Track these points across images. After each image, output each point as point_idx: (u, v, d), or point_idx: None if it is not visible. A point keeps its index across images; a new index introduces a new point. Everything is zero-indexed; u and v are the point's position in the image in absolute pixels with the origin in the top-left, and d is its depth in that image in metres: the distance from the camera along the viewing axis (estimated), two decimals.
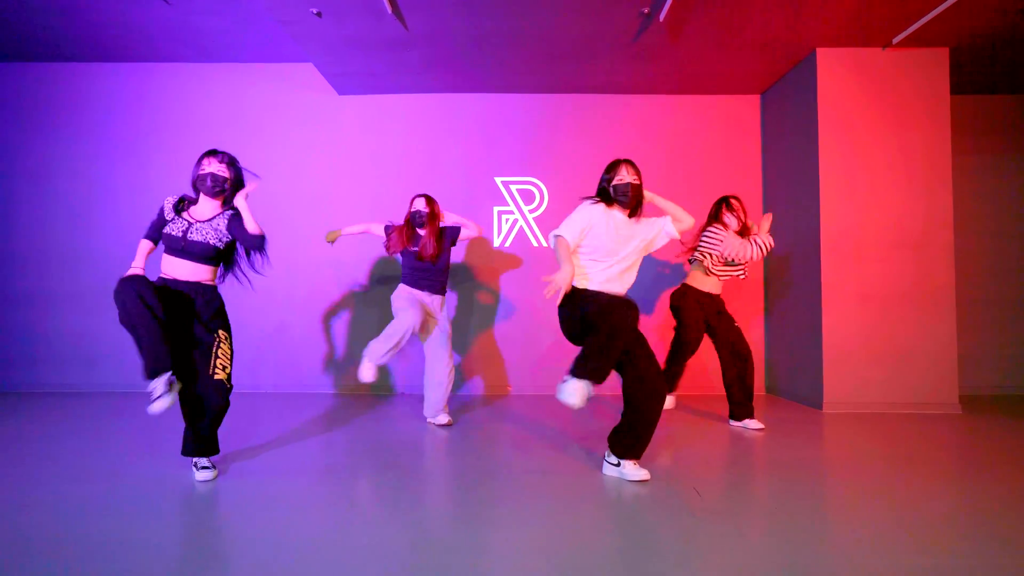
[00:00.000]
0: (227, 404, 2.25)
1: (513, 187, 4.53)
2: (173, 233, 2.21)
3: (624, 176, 2.30)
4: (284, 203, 4.45)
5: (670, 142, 4.55)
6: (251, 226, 2.21)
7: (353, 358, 4.38)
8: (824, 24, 3.50)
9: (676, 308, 3.30)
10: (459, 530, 1.71)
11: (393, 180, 4.47)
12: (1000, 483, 2.19)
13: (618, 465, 2.21)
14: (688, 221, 2.42)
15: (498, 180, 4.52)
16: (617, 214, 2.32)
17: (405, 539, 1.63)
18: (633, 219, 2.35)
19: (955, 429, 3.20)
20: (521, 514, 1.84)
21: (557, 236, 2.25)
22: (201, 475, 2.20)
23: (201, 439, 2.23)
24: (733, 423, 3.25)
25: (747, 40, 3.67)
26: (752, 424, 3.16)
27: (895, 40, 3.65)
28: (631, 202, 2.31)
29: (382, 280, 4.42)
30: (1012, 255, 4.56)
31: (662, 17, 3.29)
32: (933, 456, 2.63)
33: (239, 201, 2.23)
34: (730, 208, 3.16)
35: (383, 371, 4.44)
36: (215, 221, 2.27)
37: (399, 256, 3.31)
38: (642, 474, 2.16)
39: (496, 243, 4.50)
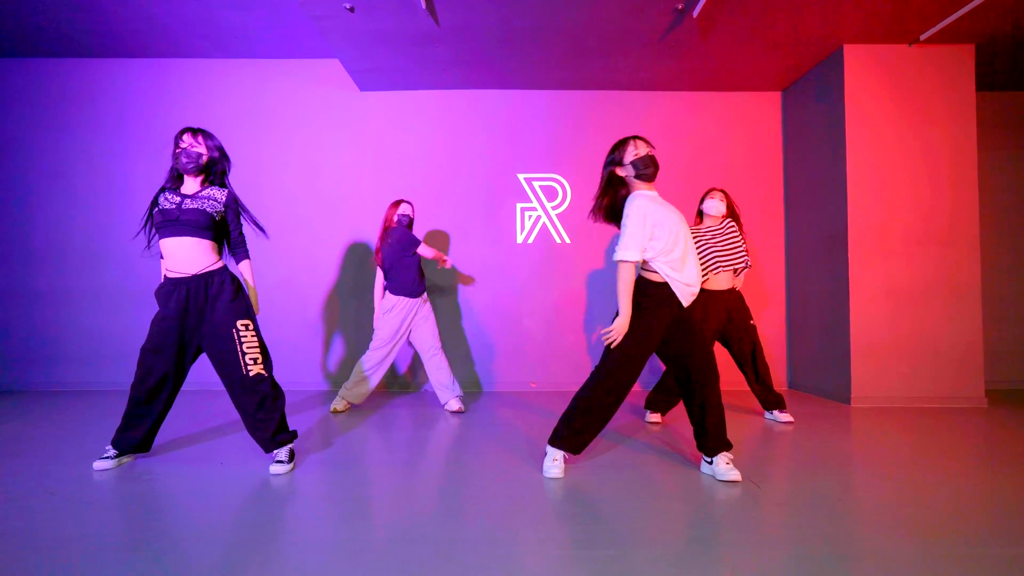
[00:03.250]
0: (276, 392, 2.24)
1: (536, 184, 4.52)
2: (167, 206, 2.17)
3: (641, 149, 2.17)
4: (303, 199, 4.43)
5: (692, 138, 4.55)
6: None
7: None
8: (853, 21, 3.51)
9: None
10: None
11: (415, 177, 4.46)
12: None
13: (711, 463, 2.21)
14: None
15: (521, 177, 4.52)
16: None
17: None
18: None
19: (983, 423, 3.23)
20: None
21: (621, 263, 2.08)
22: (276, 468, 2.19)
23: (263, 438, 2.22)
24: (766, 415, 3.31)
25: (776, 37, 3.68)
26: (782, 417, 3.20)
27: (922, 37, 3.67)
28: (654, 173, 2.17)
29: None
30: None
31: (695, 13, 3.29)
32: (962, 449, 2.66)
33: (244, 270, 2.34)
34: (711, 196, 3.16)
35: (398, 370, 4.44)
36: (203, 193, 2.23)
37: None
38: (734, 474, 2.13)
39: (519, 239, 4.50)
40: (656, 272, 2.15)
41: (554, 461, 2.20)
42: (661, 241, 2.09)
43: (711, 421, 2.16)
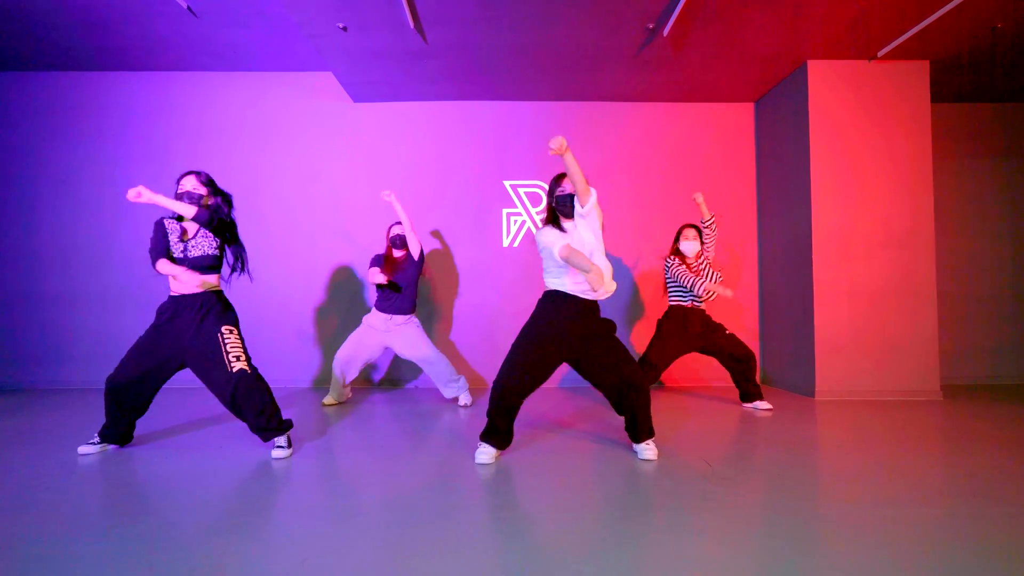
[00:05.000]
0: (261, 386, 2.42)
1: (521, 190, 4.75)
2: (176, 255, 2.45)
3: (565, 187, 2.40)
4: (299, 206, 4.65)
5: (670, 147, 4.80)
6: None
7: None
8: (815, 38, 3.76)
9: (660, 324, 3.67)
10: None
11: (407, 184, 4.68)
12: (979, 457, 2.46)
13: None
14: (585, 192, 2.31)
15: (507, 183, 4.75)
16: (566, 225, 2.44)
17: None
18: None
19: (937, 414, 3.47)
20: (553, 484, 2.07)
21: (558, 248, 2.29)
22: (276, 452, 2.42)
23: (259, 427, 2.42)
24: (745, 404, 3.62)
25: (744, 52, 3.92)
26: (761, 405, 3.53)
27: (880, 53, 3.92)
28: (570, 211, 2.40)
29: None
30: (991, 254, 4.87)
31: (666, 32, 3.54)
32: (918, 436, 2.90)
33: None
34: (684, 237, 3.63)
35: (392, 366, 4.65)
36: (202, 232, 2.49)
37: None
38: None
39: (505, 243, 4.73)
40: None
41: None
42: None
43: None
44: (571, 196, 2.38)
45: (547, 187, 2.53)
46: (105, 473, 2.23)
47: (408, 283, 3.66)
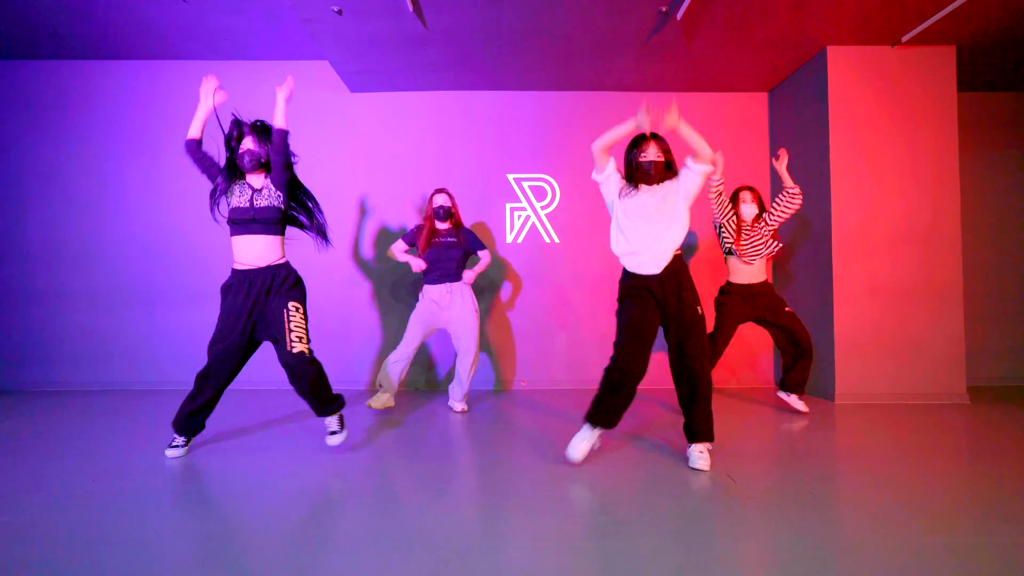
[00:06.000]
0: (317, 372, 2.38)
1: (525, 184, 4.57)
2: (241, 204, 2.39)
3: (649, 154, 2.39)
4: None
5: (680, 139, 4.58)
6: (279, 120, 2.54)
7: (369, 356, 4.42)
8: (834, 23, 3.56)
9: (719, 304, 3.38)
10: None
11: (406, 177, 4.51)
12: (1010, 467, 2.28)
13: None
14: (706, 153, 2.37)
15: (510, 177, 4.57)
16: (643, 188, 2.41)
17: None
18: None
19: (964, 418, 3.28)
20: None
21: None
22: (331, 439, 2.44)
23: (314, 404, 2.40)
24: (780, 392, 3.43)
25: (759, 38, 3.73)
26: (797, 403, 3.36)
27: (904, 39, 3.72)
28: (655, 178, 2.39)
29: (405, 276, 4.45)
30: (1017, 249, 4.66)
31: (679, 16, 3.34)
32: (945, 444, 2.71)
33: (280, 94, 2.61)
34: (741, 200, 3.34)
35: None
36: (268, 185, 2.47)
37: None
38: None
39: (508, 239, 4.55)
40: None
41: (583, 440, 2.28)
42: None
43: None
44: (653, 163, 2.36)
45: (624, 152, 2.49)
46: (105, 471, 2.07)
47: (451, 259, 3.41)
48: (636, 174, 2.40)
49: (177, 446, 2.48)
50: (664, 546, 1.53)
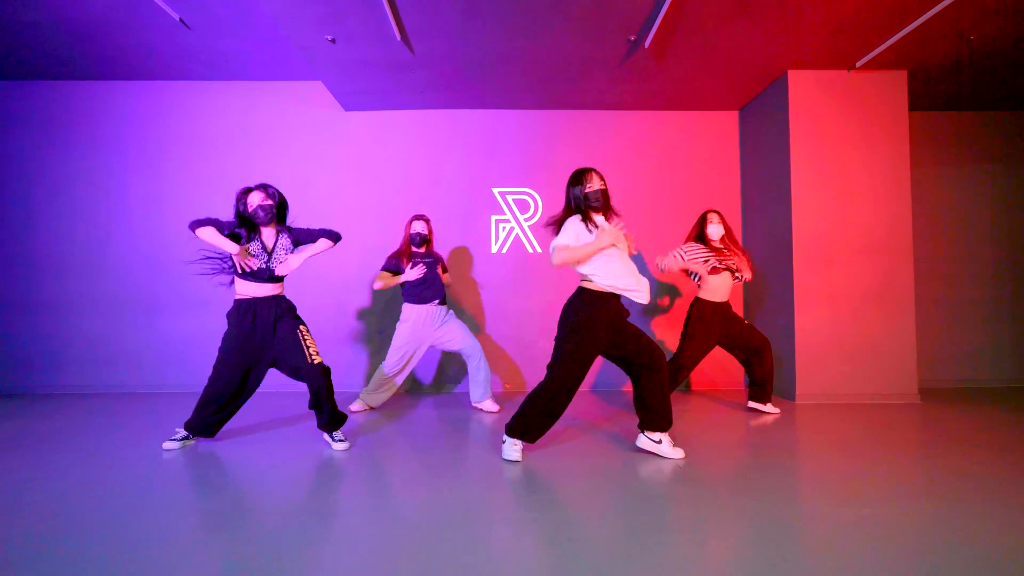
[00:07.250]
0: (330, 381, 2.72)
1: (509, 197, 4.83)
2: (256, 267, 2.69)
3: (595, 183, 2.50)
4: (292, 213, 4.69)
5: (657, 155, 4.88)
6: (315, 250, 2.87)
7: (361, 367, 4.66)
8: (794, 49, 3.84)
9: (693, 321, 3.61)
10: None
11: (396, 192, 4.76)
12: (957, 457, 2.57)
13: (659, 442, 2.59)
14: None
15: (495, 191, 4.83)
16: (598, 219, 2.55)
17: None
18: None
19: (915, 416, 3.55)
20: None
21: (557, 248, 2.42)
22: (338, 446, 2.71)
23: (329, 417, 2.71)
24: (750, 403, 3.70)
25: (726, 63, 4.00)
26: (769, 409, 3.62)
27: (858, 63, 4.01)
28: (604, 207, 2.54)
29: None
30: (968, 259, 4.95)
31: (647, 44, 3.62)
32: (897, 437, 2.98)
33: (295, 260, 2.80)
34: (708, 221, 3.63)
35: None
36: (279, 244, 2.77)
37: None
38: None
39: (494, 249, 4.80)
40: (592, 281, 2.47)
41: (513, 447, 2.53)
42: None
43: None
44: (600, 191, 2.48)
45: (567, 187, 2.57)
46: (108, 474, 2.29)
47: (434, 274, 3.75)
48: (585, 204, 2.50)
49: (175, 439, 2.77)
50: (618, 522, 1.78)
